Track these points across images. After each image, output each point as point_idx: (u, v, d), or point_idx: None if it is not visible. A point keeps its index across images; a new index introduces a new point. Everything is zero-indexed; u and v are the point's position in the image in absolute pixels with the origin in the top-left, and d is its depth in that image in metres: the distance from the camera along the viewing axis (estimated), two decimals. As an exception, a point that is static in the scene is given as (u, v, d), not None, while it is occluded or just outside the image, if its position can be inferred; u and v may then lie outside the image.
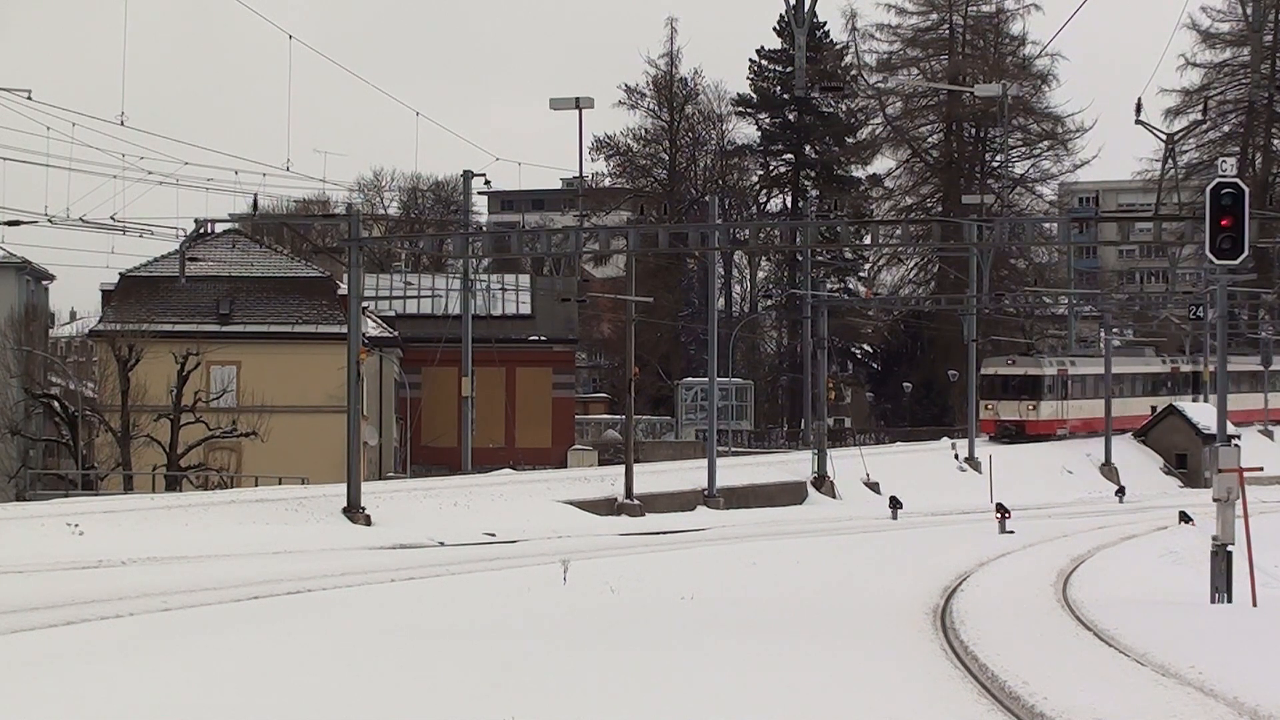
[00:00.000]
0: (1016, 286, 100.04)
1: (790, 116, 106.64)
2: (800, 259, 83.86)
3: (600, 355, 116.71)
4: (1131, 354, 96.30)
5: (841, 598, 29.04)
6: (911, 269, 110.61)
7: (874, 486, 71.48)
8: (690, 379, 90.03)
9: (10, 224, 48.32)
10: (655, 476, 61.49)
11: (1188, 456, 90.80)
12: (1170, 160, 48.75)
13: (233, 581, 31.01)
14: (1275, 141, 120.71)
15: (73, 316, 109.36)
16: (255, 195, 57.02)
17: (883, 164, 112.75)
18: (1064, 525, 53.31)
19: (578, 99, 62.40)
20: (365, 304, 63.14)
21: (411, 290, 79.86)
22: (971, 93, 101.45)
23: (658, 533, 49.74)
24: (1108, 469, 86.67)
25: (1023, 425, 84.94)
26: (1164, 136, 46.14)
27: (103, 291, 76.34)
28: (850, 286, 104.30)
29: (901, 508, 60.23)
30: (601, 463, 70.65)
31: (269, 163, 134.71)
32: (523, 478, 60.80)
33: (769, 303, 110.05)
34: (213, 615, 26.00)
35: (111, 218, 49.23)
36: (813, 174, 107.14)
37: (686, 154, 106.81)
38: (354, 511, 46.40)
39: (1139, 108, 38.43)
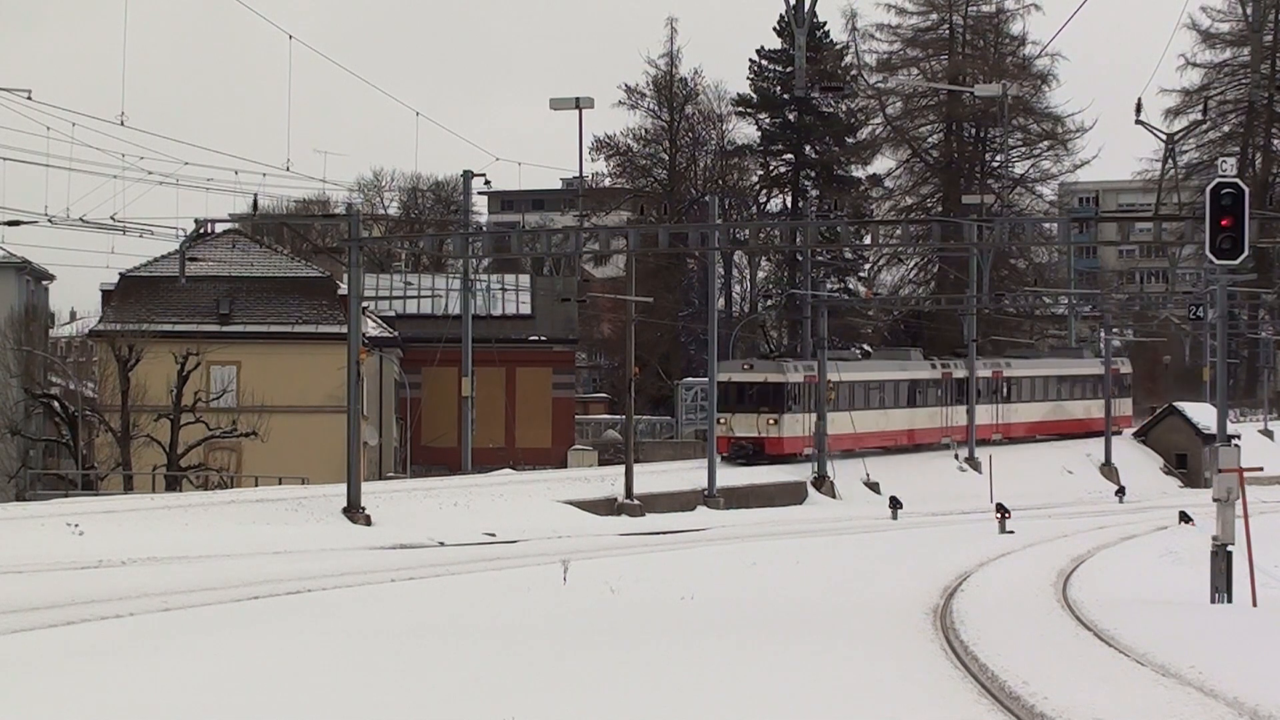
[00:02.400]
0: (1016, 286, 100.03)
1: (790, 116, 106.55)
2: (800, 259, 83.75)
3: (600, 355, 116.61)
4: (894, 357, 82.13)
5: (841, 598, 29.03)
6: (911, 269, 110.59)
7: (874, 486, 71.49)
8: (690, 379, 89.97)
9: (10, 224, 48.32)
10: (655, 476, 61.50)
11: (1188, 456, 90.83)
12: (1170, 160, 48.70)
13: (233, 581, 31.01)
14: (1275, 141, 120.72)
15: (73, 316, 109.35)
16: (255, 195, 57.13)
17: (883, 164, 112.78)
18: (1064, 525, 53.32)
19: (578, 99, 62.44)
20: (365, 304, 63.16)
21: (411, 290, 79.89)
22: (971, 93, 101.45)
23: (658, 533, 49.75)
24: (1108, 469, 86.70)
25: (761, 443, 68.74)
26: (1164, 136, 46.10)
27: (103, 291, 76.31)
28: (850, 286, 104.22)
29: (901, 508, 60.25)
30: (601, 463, 70.65)
31: (269, 163, 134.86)
32: (523, 478, 60.81)
33: (769, 303, 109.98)
34: (213, 615, 26.00)
35: (111, 218, 49.23)
36: (813, 174, 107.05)
37: (686, 154, 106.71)
38: (354, 511, 46.40)
39: (1139, 108, 38.42)
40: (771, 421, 68.90)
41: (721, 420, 66.64)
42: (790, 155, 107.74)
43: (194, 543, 38.77)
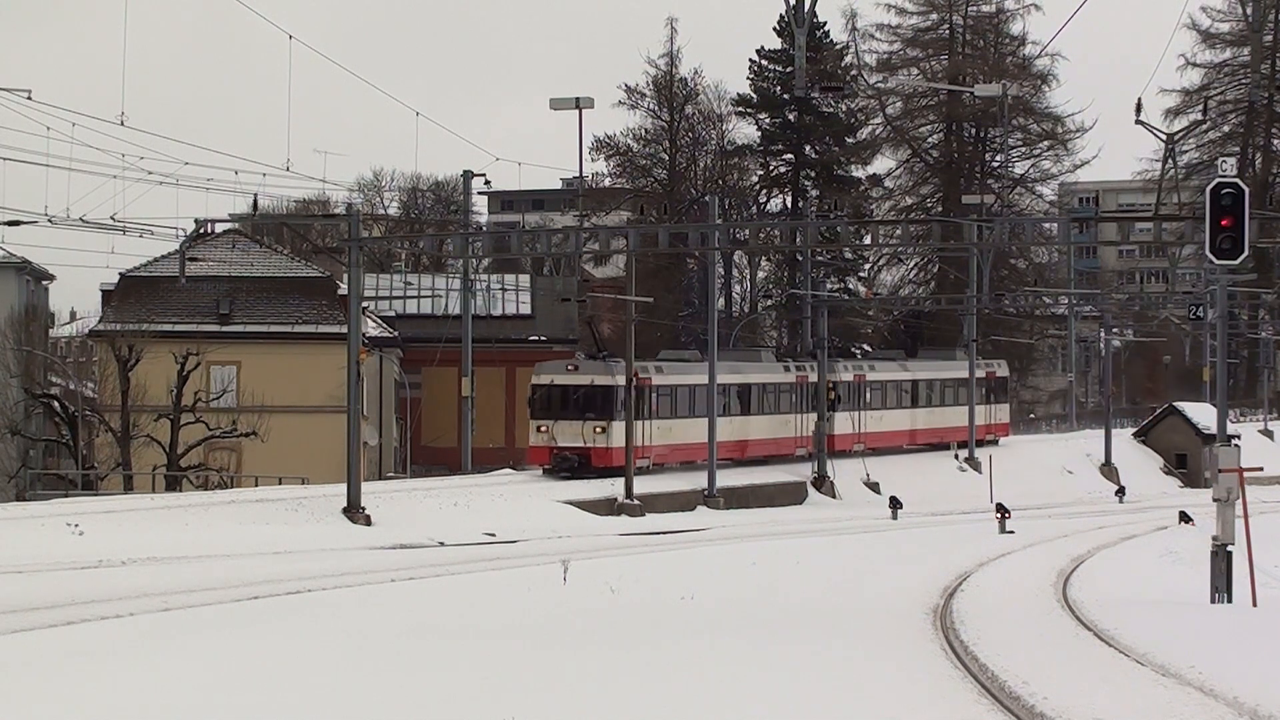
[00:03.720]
0: (1016, 286, 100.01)
1: (790, 116, 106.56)
2: (800, 259, 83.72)
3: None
4: (742, 358, 72.29)
5: (841, 598, 29.04)
6: (911, 269, 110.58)
7: (874, 486, 71.49)
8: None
9: (10, 224, 48.31)
10: (655, 477, 61.49)
11: (1188, 456, 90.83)
12: (1170, 160, 48.62)
13: (233, 581, 31.00)
14: (1275, 141, 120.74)
15: (73, 316, 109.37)
16: (255, 195, 57.04)
17: (883, 164, 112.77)
18: (1064, 525, 53.31)
19: (578, 99, 62.43)
20: (365, 304, 63.16)
21: (411, 290, 79.89)
22: (971, 93, 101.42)
23: (658, 533, 49.73)
24: (1108, 469, 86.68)
25: (587, 454, 59.13)
26: (1164, 136, 46.02)
27: (103, 291, 76.34)
28: (850, 286, 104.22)
29: (901, 508, 60.23)
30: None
31: (269, 163, 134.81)
32: (523, 478, 60.79)
33: (769, 303, 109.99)
34: (213, 615, 25.99)
35: (111, 218, 49.22)
36: (813, 174, 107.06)
37: (686, 154, 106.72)
38: (354, 511, 46.39)
39: (1139, 108, 38.36)
40: (599, 430, 59.06)
41: (541, 428, 59.47)
42: (790, 155, 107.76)
43: (194, 543, 38.75)
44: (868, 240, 74.35)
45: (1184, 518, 52.81)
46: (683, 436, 62.83)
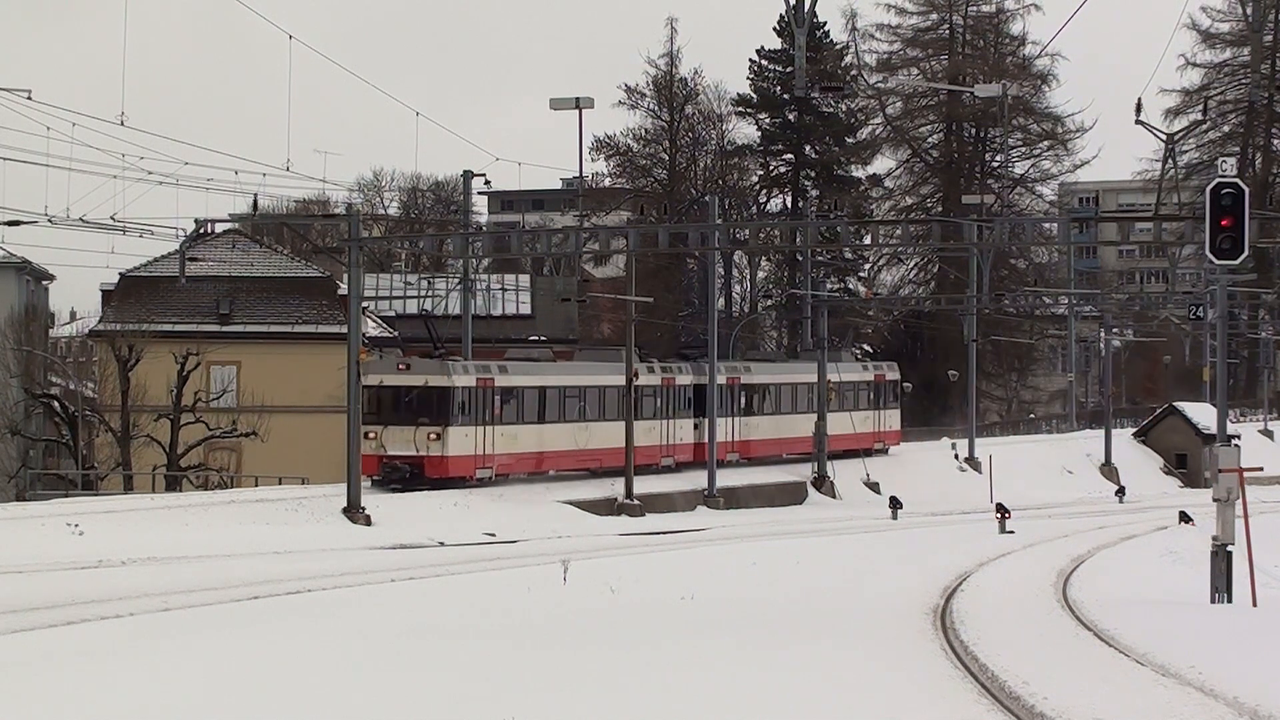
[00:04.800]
0: (1016, 286, 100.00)
1: (790, 116, 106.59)
2: (800, 259, 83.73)
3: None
4: (604, 358, 64.62)
5: (841, 598, 29.04)
6: (911, 269, 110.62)
7: (874, 486, 71.50)
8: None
9: (10, 224, 48.29)
10: (655, 477, 61.49)
11: (1188, 456, 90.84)
12: (1170, 160, 48.62)
13: (233, 581, 31.01)
14: (1275, 141, 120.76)
15: (73, 316, 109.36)
16: (255, 195, 56.99)
17: (883, 164, 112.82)
18: (1064, 525, 53.32)
19: (577, 99, 62.34)
20: (365, 304, 63.13)
21: (411, 290, 79.85)
22: (971, 93, 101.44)
23: (658, 533, 49.74)
24: (1108, 469, 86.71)
25: (420, 464, 53.11)
26: (1164, 136, 46.02)
27: (103, 291, 76.36)
28: (850, 286, 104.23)
29: (901, 508, 60.23)
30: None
31: (269, 163, 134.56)
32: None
33: (769, 303, 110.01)
34: (213, 615, 26.00)
35: (111, 218, 49.19)
36: (813, 174, 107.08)
37: (686, 154, 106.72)
38: (354, 511, 46.40)
39: (1139, 108, 38.37)
40: (433, 436, 53.06)
41: (371, 434, 52.46)
42: (790, 155, 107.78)
43: (194, 543, 38.76)
44: (868, 240, 74.38)
45: (1184, 518, 52.81)
46: (531, 444, 56.82)
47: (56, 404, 65.19)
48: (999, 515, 49.85)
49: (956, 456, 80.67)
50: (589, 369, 61.49)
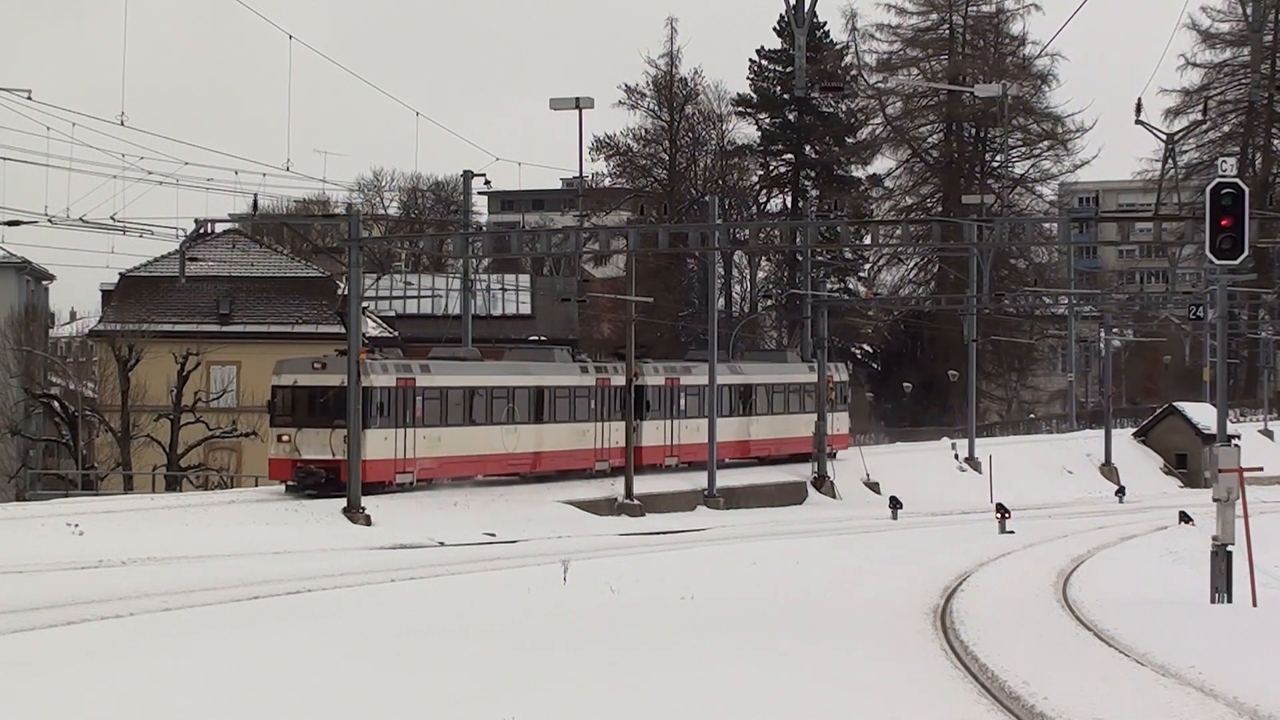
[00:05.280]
0: (1016, 286, 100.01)
1: (790, 116, 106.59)
2: (800, 259, 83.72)
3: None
4: (533, 357, 61.70)
5: (841, 598, 29.04)
6: (911, 269, 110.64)
7: (874, 486, 71.50)
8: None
9: (10, 224, 48.30)
10: (655, 477, 61.51)
11: (1188, 456, 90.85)
12: (1170, 160, 48.65)
13: (233, 582, 31.02)
14: (1275, 141, 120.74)
15: (73, 316, 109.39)
16: (255, 195, 57.01)
17: (883, 164, 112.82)
18: (1064, 525, 53.33)
19: (577, 99, 62.35)
20: (365, 304, 63.13)
21: (411, 290, 79.88)
22: (971, 93, 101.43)
23: (658, 533, 49.75)
24: (1108, 469, 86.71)
25: (337, 468, 48.92)
26: (1164, 136, 46.03)
27: (103, 291, 76.42)
28: (850, 286, 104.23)
29: (902, 508, 60.25)
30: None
31: (269, 163, 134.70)
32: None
33: (769, 303, 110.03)
34: (213, 615, 26.01)
35: (111, 218, 49.21)
36: (813, 174, 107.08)
37: (686, 154, 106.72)
38: (354, 511, 46.40)
39: (1139, 108, 38.38)
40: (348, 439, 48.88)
41: (283, 437, 50.13)
42: (790, 155, 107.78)
43: (194, 543, 38.77)
44: (868, 240, 74.39)
45: (1184, 518, 52.83)
46: (456, 447, 53.27)
47: (56, 404, 65.20)
48: (999, 515, 49.86)
49: (956, 456, 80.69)
50: (520, 369, 58.20)
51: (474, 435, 54.39)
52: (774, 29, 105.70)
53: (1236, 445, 30.19)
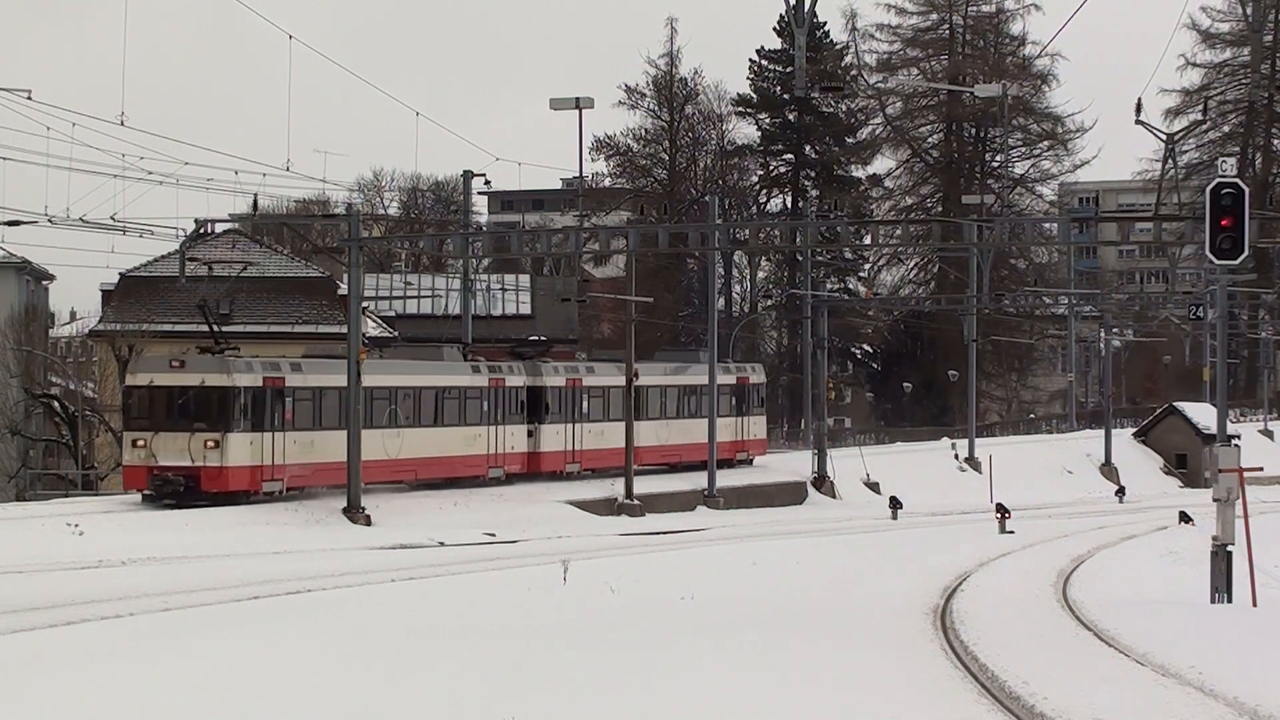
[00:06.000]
0: (1016, 286, 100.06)
1: (790, 116, 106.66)
2: (800, 259, 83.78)
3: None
4: (419, 356, 56.79)
5: (841, 597, 29.04)
6: (911, 269, 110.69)
7: (874, 486, 71.49)
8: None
9: (10, 224, 48.33)
10: (655, 477, 61.50)
11: (1188, 456, 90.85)
12: (1170, 160, 48.64)
13: (233, 581, 31.02)
14: (1275, 141, 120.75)
15: (73, 316, 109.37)
16: (255, 195, 57.01)
17: (883, 164, 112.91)
18: (1064, 525, 53.31)
19: (577, 99, 62.35)
20: (365, 304, 63.13)
21: (411, 290, 79.88)
22: (971, 93, 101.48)
23: (658, 533, 49.75)
24: (1108, 469, 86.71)
25: (197, 475, 45.67)
26: (1164, 136, 46.01)
27: (103, 291, 76.35)
28: (850, 286, 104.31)
29: (901, 508, 60.23)
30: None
31: (269, 163, 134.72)
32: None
33: (769, 303, 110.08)
34: (213, 615, 26.01)
35: (111, 218, 49.25)
36: (813, 174, 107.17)
37: (686, 154, 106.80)
38: (354, 511, 46.41)
39: (1139, 108, 38.37)
40: (211, 444, 45.67)
41: (138, 442, 46.11)
42: (790, 155, 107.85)
43: (194, 543, 38.78)
44: (868, 240, 74.42)
45: (1184, 518, 52.83)
46: (329, 453, 48.77)
47: (56, 404, 65.20)
48: (999, 515, 49.85)
49: (956, 456, 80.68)
50: (405, 368, 54.12)
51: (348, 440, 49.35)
52: (774, 29, 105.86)
53: (1236, 445, 30.18)
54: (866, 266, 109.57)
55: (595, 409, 60.69)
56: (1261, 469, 39.32)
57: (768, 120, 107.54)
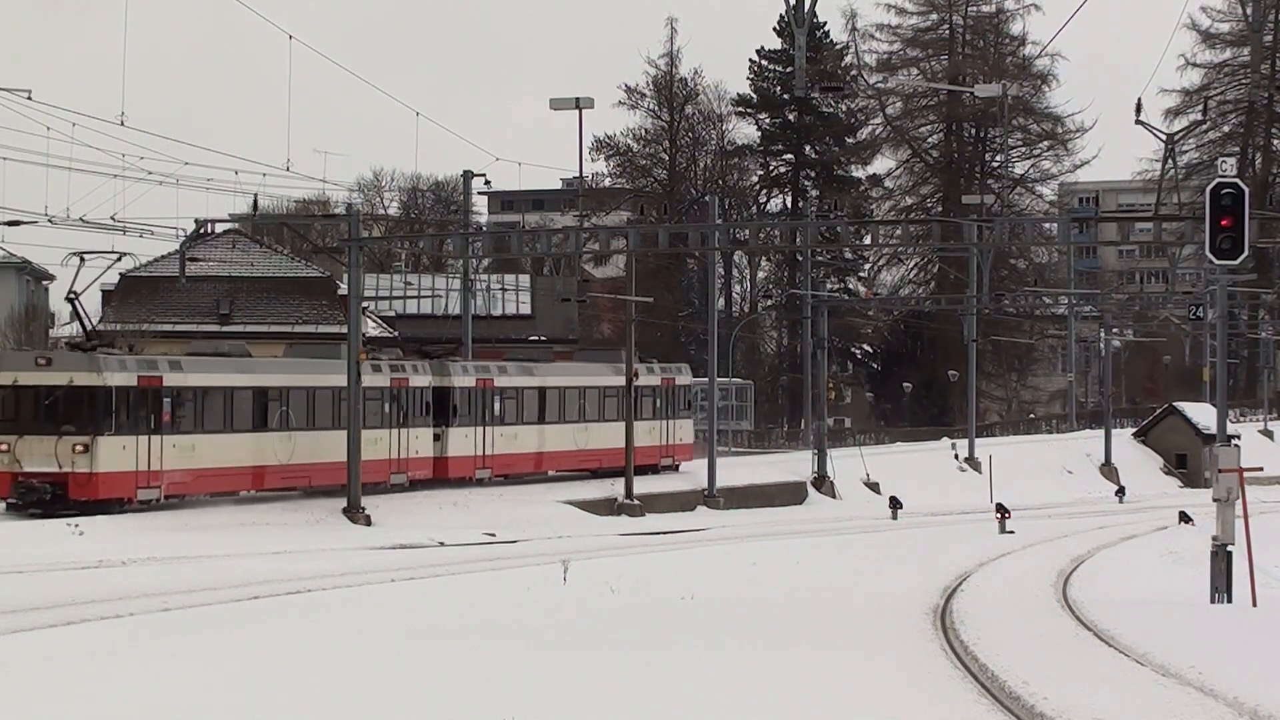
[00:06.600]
0: (1016, 286, 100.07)
1: (790, 116, 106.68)
2: (800, 259, 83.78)
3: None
4: (312, 353, 53.06)
5: (842, 598, 29.04)
6: (911, 269, 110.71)
7: (874, 486, 71.49)
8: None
9: (10, 224, 48.33)
10: (655, 477, 61.49)
11: (1188, 456, 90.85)
12: (1170, 160, 48.70)
13: (233, 581, 31.02)
14: (1275, 141, 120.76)
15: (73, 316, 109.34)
16: (255, 195, 56.99)
17: (883, 164, 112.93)
18: (1064, 525, 53.32)
19: (578, 99, 62.35)
20: (365, 304, 63.10)
21: (411, 290, 79.85)
22: (971, 93, 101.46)
23: (658, 533, 49.76)
24: (1108, 469, 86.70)
25: (64, 482, 42.38)
26: (1164, 136, 46.06)
27: (103, 291, 76.33)
28: (850, 286, 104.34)
29: (901, 508, 60.26)
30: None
31: (269, 163, 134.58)
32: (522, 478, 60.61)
33: (769, 303, 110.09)
34: (213, 615, 26.02)
35: (111, 218, 49.26)
36: (813, 174, 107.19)
37: (686, 154, 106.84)
38: (354, 511, 46.41)
39: (1139, 108, 38.40)
40: (80, 448, 42.41)
41: (2, 446, 42.70)
42: (790, 155, 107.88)
43: (193, 543, 38.77)
44: (868, 240, 74.44)
45: (1184, 518, 52.84)
46: (214, 458, 45.70)
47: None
48: (999, 515, 49.86)
49: (956, 456, 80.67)
50: (297, 366, 50.60)
51: (236, 444, 46.74)
52: (774, 29, 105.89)
53: (1236, 445, 30.19)
54: (866, 266, 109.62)
55: (509, 411, 56.95)
56: (1261, 469, 39.34)
57: (768, 120, 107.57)
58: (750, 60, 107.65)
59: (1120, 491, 77.17)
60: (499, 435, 56.35)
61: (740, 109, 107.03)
